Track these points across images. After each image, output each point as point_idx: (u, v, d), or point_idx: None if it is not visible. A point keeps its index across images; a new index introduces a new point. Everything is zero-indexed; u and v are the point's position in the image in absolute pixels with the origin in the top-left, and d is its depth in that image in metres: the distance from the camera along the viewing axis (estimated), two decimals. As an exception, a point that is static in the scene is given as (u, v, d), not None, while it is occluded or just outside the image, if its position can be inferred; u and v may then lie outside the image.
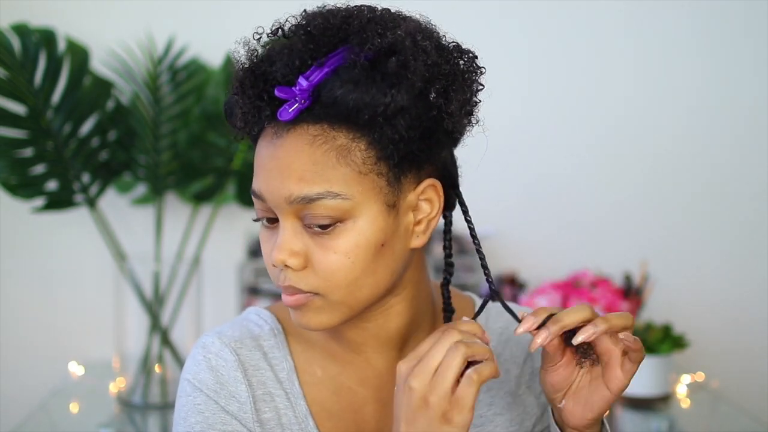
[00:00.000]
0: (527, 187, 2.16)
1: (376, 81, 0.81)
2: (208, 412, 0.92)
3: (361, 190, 0.84)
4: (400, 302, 0.92)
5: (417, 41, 0.83)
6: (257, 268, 1.99)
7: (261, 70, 0.85)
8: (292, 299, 0.87)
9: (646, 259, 2.00)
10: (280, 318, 0.98)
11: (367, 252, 0.85)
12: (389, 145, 0.83)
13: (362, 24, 0.83)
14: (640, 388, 1.82)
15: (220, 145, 1.87)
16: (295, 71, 0.83)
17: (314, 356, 0.96)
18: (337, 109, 0.82)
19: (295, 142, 0.84)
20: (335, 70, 0.82)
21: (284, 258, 0.85)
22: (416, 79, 0.81)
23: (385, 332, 0.94)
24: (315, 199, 0.83)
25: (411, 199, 0.87)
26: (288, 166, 0.84)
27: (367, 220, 0.84)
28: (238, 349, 0.94)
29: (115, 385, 1.88)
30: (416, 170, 0.87)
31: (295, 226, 0.85)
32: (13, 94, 1.68)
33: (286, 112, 0.83)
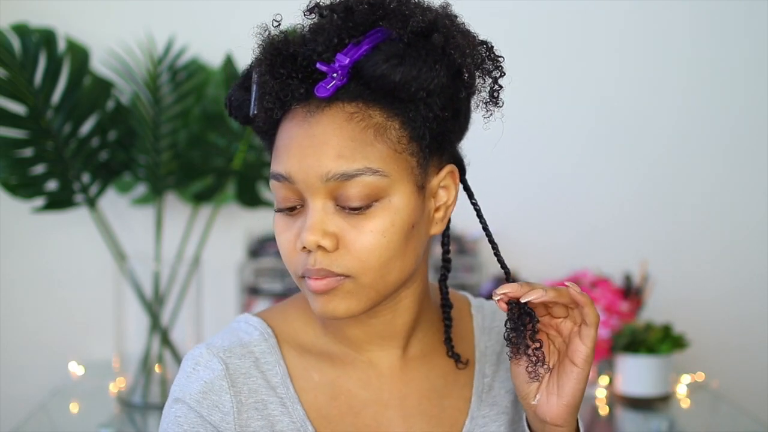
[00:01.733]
0: (527, 187, 2.16)
1: (421, 55, 0.82)
2: (187, 425, 0.90)
3: (397, 168, 0.84)
4: (410, 296, 0.92)
5: (454, 21, 0.85)
6: (257, 268, 1.99)
7: (290, 51, 0.85)
8: (323, 283, 0.85)
9: (646, 259, 2.00)
10: (270, 324, 0.96)
11: (401, 232, 0.84)
12: (423, 124, 0.84)
13: (401, 3, 0.84)
14: (640, 388, 1.82)
15: (220, 145, 1.87)
16: (332, 49, 0.84)
17: (309, 361, 0.95)
18: (381, 84, 0.82)
19: (332, 119, 0.83)
20: (375, 47, 0.83)
21: (317, 239, 0.83)
22: (457, 56, 0.83)
23: (391, 328, 0.93)
24: (354, 175, 0.82)
25: (434, 184, 0.88)
26: (325, 143, 0.83)
27: (402, 198, 0.84)
28: (228, 359, 0.92)
29: (115, 385, 1.88)
30: (439, 154, 0.88)
31: (326, 206, 0.84)
32: (13, 94, 1.68)
33: (323, 89, 0.83)
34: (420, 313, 0.95)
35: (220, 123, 1.84)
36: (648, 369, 1.82)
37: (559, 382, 0.88)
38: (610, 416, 1.81)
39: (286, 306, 0.99)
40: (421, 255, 0.89)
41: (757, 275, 2.19)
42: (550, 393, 0.88)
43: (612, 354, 1.86)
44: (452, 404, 0.97)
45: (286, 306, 0.99)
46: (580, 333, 0.87)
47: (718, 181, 2.19)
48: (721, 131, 2.19)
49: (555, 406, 0.87)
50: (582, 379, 0.87)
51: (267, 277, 1.98)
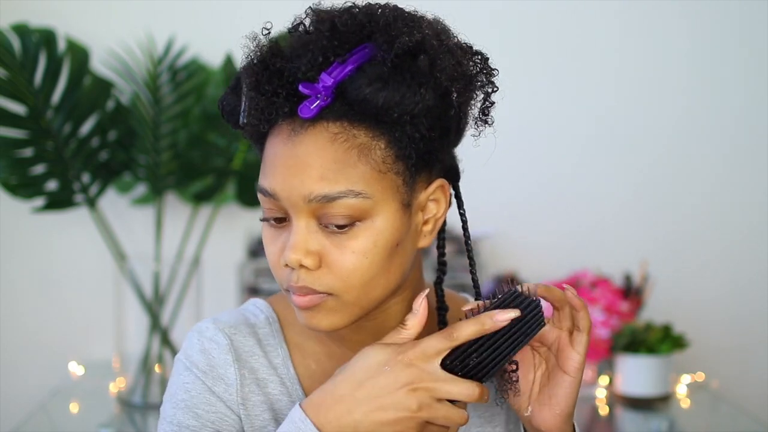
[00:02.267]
0: (527, 187, 2.16)
1: (405, 79, 0.80)
2: (195, 391, 0.92)
3: (380, 188, 0.83)
4: (400, 302, 0.92)
5: (442, 40, 0.83)
6: (257, 268, 1.99)
7: (276, 66, 0.84)
8: (305, 300, 0.85)
9: (646, 259, 2.00)
10: (276, 309, 0.98)
11: (384, 251, 0.84)
12: (409, 145, 0.83)
13: (388, 21, 0.82)
14: (640, 388, 1.82)
15: (220, 145, 1.87)
16: (317, 68, 0.83)
17: (309, 350, 0.96)
18: (363, 107, 0.81)
19: (315, 139, 0.83)
20: (359, 67, 0.81)
21: (299, 257, 0.83)
22: (443, 78, 0.81)
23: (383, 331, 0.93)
24: (336, 197, 0.82)
25: (422, 199, 0.87)
26: (308, 164, 0.82)
27: (385, 219, 0.84)
28: (233, 335, 0.94)
29: (115, 385, 1.88)
30: (428, 170, 0.87)
31: (310, 225, 0.84)
32: (13, 94, 1.68)
33: (307, 109, 0.82)
34: None
35: (220, 123, 1.83)
36: (648, 369, 1.82)
37: (550, 392, 0.87)
38: (610, 416, 1.81)
39: None
40: (407, 268, 0.89)
41: (757, 275, 2.19)
42: (542, 404, 0.87)
43: (612, 354, 1.86)
44: None
45: None
46: (572, 340, 0.86)
47: (718, 181, 2.19)
48: (721, 131, 2.19)
49: (548, 416, 0.87)
50: (574, 387, 0.86)
51: (267, 277, 1.98)
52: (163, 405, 0.94)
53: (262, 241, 2.14)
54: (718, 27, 2.17)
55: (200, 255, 1.90)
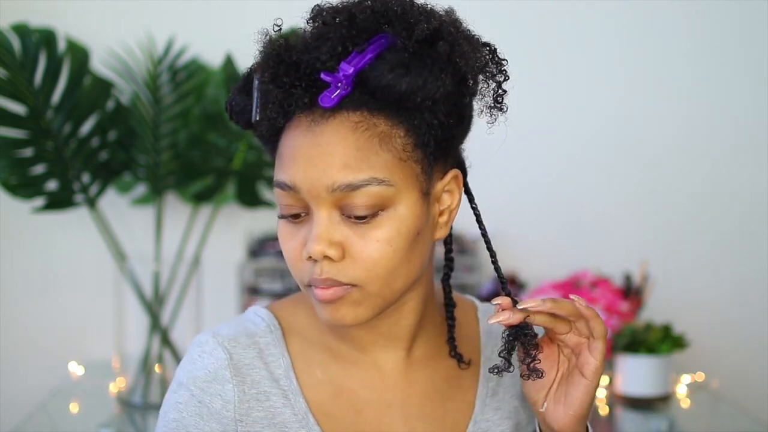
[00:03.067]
0: (527, 186, 2.16)
1: (427, 65, 0.81)
2: (186, 412, 0.91)
3: (402, 176, 0.84)
4: (414, 298, 0.92)
5: (458, 28, 0.84)
6: (257, 268, 1.99)
7: (293, 59, 0.84)
8: (329, 293, 0.85)
9: (646, 259, 2.00)
10: (278, 316, 0.97)
11: (406, 240, 0.84)
12: (428, 132, 0.84)
13: (405, 10, 0.83)
14: (640, 388, 1.82)
15: (220, 145, 1.87)
16: (336, 57, 0.83)
17: (314, 357, 0.95)
18: (385, 94, 0.82)
19: (337, 128, 0.83)
20: (379, 55, 0.82)
21: (323, 249, 0.83)
22: (462, 64, 0.82)
23: (396, 330, 0.93)
24: (360, 186, 0.82)
25: (438, 188, 0.88)
26: (331, 154, 0.82)
27: (407, 207, 0.84)
28: (232, 348, 0.93)
29: (115, 385, 1.88)
30: (444, 159, 0.88)
31: (332, 216, 0.84)
32: (13, 94, 1.68)
33: (328, 99, 0.82)
34: (425, 314, 0.95)
35: (220, 123, 1.84)
36: (648, 369, 1.82)
37: (566, 391, 0.87)
38: (610, 416, 1.81)
39: (297, 299, 0.99)
40: (426, 260, 0.89)
41: (757, 275, 2.19)
42: (557, 402, 0.88)
43: (612, 354, 1.86)
44: (455, 407, 0.96)
45: (297, 299, 0.99)
46: (589, 346, 0.87)
47: (718, 181, 2.19)
48: (721, 131, 2.19)
49: (562, 415, 0.87)
50: (590, 391, 0.87)
51: (267, 277, 1.98)
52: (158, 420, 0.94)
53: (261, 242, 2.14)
54: (718, 26, 2.17)
55: (200, 255, 1.90)
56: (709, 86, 2.18)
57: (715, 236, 2.20)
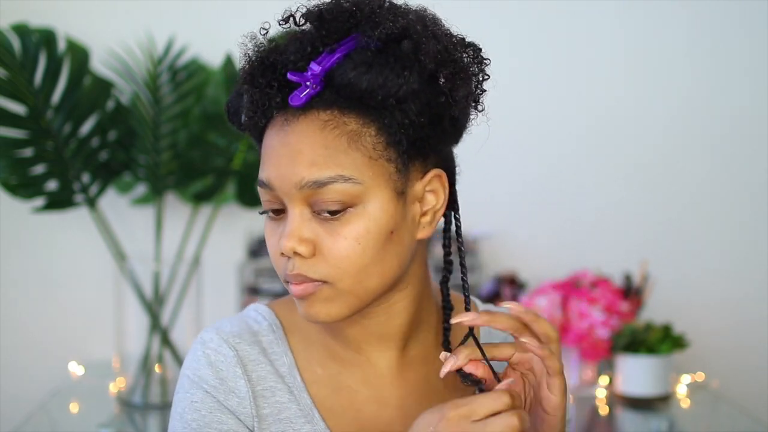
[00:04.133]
0: (527, 186, 2.16)
1: (389, 63, 0.82)
2: (205, 410, 0.91)
3: (372, 175, 0.84)
4: (404, 299, 0.92)
5: (427, 26, 0.84)
6: (257, 268, 1.99)
7: (270, 60, 0.86)
8: (300, 288, 0.86)
9: (646, 259, 2.00)
10: (279, 315, 0.98)
11: (377, 238, 0.85)
12: (399, 130, 0.84)
13: (373, 9, 0.84)
14: (640, 388, 1.82)
15: (220, 145, 1.87)
16: (306, 58, 0.85)
17: (313, 354, 0.96)
18: (350, 92, 0.83)
19: (306, 127, 0.84)
20: (347, 54, 0.83)
21: (293, 245, 0.84)
22: (428, 61, 0.83)
23: (386, 330, 0.93)
24: (326, 183, 0.83)
25: (418, 189, 0.88)
26: (299, 152, 0.84)
27: (377, 205, 0.85)
28: (237, 345, 0.94)
29: (115, 385, 1.88)
30: (422, 159, 0.87)
31: (303, 213, 0.85)
32: (13, 94, 1.68)
33: (297, 98, 0.84)
34: (417, 315, 0.95)
35: (220, 123, 1.84)
36: (648, 369, 1.82)
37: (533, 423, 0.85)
38: (610, 416, 1.81)
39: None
40: (405, 260, 0.89)
41: (757, 275, 2.19)
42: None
43: (612, 354, 1.86)
44: None
45: None
46: (547, 382, 0.84)
47: (718, 180, 2.19)
48: (721, 131, 2.19)
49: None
50: (555, 425, 0.85)
51: (267, 277, 1.98)
52: (171, 423, 0.93)
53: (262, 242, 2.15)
54: (717, 25, 2.17)
55: (200, 255, 1.90)
56: (709, 86, 2.18)
57: (716, 236, 2.20)
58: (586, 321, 1.84)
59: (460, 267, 0.94)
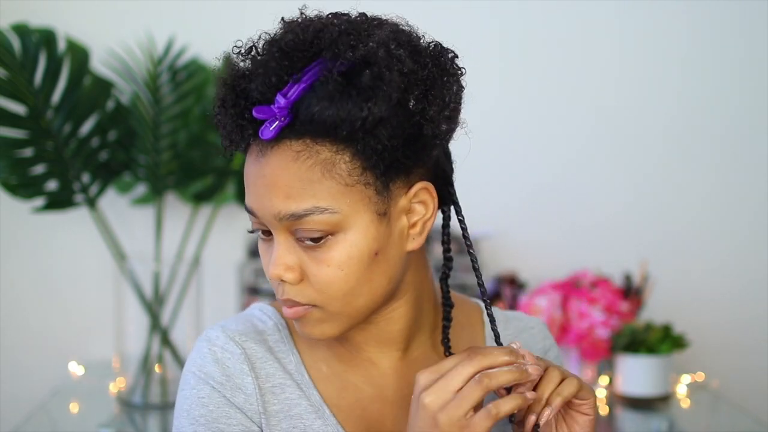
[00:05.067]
0: (527, 187, 2.16)
1: (351, 95, 0.80)
2: (212, 405, 0.91)
3: (349, 202, 0.83)
4: (403, 305, 0.92)
5: (390, 50, 0.81)
6: (257, 268, 1.99)
7: (241, 87, 0.85)
8: (292, 311, 0.88)
9: (646, 259, 2.00)
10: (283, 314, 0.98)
11: (360, 263, 0.85)
12: (373, 156, 0.82)
13: (333, 37, 0.82)
14: (640, 388, 1.82)
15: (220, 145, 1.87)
16: (273, 88, 0.83)
17: (318, 354, 0.96)
18: (315, 126, 0.82)
19: (279, 159, 0.83)
20: (311, 85, 0.81)
21: (280, 273, 0.86)
22: (392, 90, 0.80)
23: (387, 334, 0.94)
24: (302, 215, 0.83)
25: (403, 203, 0.87)
26: (274, 184, 0.84)
27: (358, 231, 0.84)
28: (244, 342, 0.94)
29: (115, 385, 1.88)
30: (405, 175, 0.86)
31: (288, 241, 0.86)
32: (13, 94, 1.68)
33: (267, 131, 0.83)
34: (418, 319, 0.95)
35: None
36: (648, 369, 1.82)
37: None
38: (610, 416, 1.81)
39: None
40: (396, 274, 0.88)
41: (757, 275, 2.19)
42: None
43: (612, 354, 1.86)
44: None
45: None
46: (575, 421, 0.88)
47: (718, 180, 2.19)
48: (721, 131, 2.19)
49: None
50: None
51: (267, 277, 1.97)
52: (177, 421, 0.93)
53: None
54: (718, 27, 2.17)
55: (200, 255, 1.90)
56: (710, 87, 2.18)
57: (716, 236, 2.20)
58: (586, 321, 1.84)
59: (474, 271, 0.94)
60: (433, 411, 0.81)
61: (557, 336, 1.85)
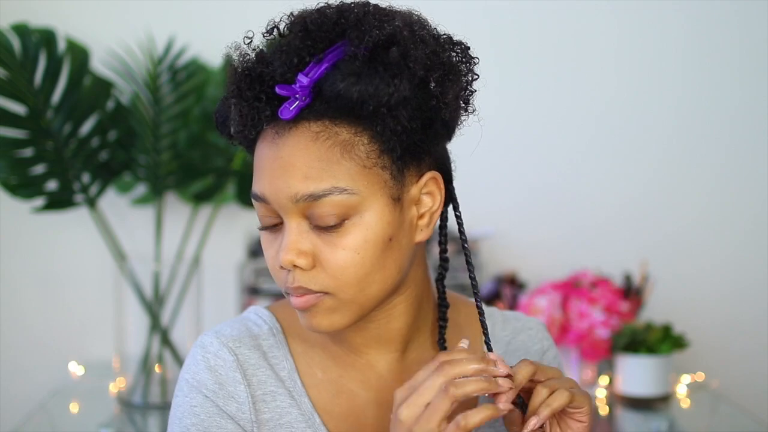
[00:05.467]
0: (527, 187, 2.16)
1: (378, 71, 0.81)
2: (204, 414, 0.91)
3: (367, 184, 0.83)
4: (403, 301, 0.92)
5: (414, 31, 0.83)
6: (257, 268, 1.99)
7: (257, 72, 0.85)
8: (302, 300, 0.86)
9: (646, 259, 2.00)
10: (279, 318, 0.97)
11: (375, 247, 0.84)
12: (392, 138, 0.83)
13: (359, 17, 0.83)
14: (640, 388, 1.82)
15: (220, 145, 1.87)
16: (293, 69, 0.83)
17: (314, 358, 0.95)
18: (340, 103, 0.82)
19: (297, 139, 0.83)
20: (335, 64, 0.82)
21: (292, 258, 0.84)
22: (417, 68, 0.82)
23: (386, 333, 0.93)
24: (321, 195, 0.82)
25: (414, 192, 0.87)
26: (292, 165, 0.83)
27: (374, 214, 0.84)
28: (237, 349, 0.93)
29: (115, 385, 1.88)
30: (417, 163, 0.87)
31: (301, 226, 0.85)
32: (13, 94, 1.68)
33: (287, 111, 0.83)
34: (418, 317, 0.95)
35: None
36: (648, 369, 1.82)
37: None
38: (610, 416, 1.81)
39: None
40: (405, 264, 0.88)
41: (757, 275, 2.19)
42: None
43: (612, 354, 1.86)
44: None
45: None
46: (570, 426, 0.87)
47: (718, 180, 2.19)
48: (721, 131, 2.19)
49: None
50: None
51: (267, 277, 1.98)
52: (170, 428, 0.93)
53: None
54: (718, 27, 2.17)
55: (200, 255, 1.90)
56: (709, 87, 2.18)
57: (715, 236, 2.20)
58: (586, 321, 1.84)
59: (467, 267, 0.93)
60: (408, 426, 0.80)
61: (557, 336, 1.84)
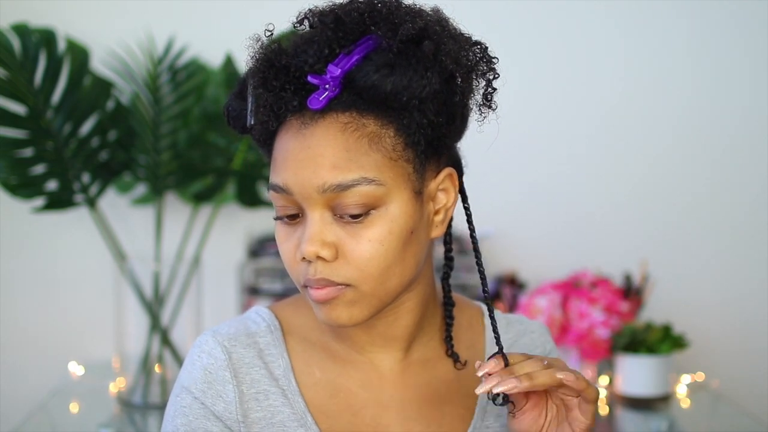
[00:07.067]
0: (527, 187, 2.16)
1: (411, 64, 0.82)
2: (192, 416, 0.92)
3: (392, 176, 0.84)
4: (412, 298, 0.93)
5: (444, 27, 0.85)
6: (257, 268, 1.99)
7: (282, 63, 0.85)
8: (323, 293, 0.86)
9: (646, 259, 2.00)
10: (279, 316, 0.98)
11: (399, 239, 0.85)
12: (417, 131, 0.84)
13: (390, 11, 0.84)
14: (640, 388, 1.82)
15: (220, 145, 1.87)
16: (323, 60, 0.84)
17: (313, 356, 0.95)
18: (372, 94, 0.83)
19: (325, 130, 0.84)
20: (366, 56, 0.83)
21: (316, 249, 0.84)
22: (448, 62, 0.83)
23: (393, 330, 0.93)
24: (349, 186, 0.83)
25: (432, 188, 0.88)
26: (321, 155, 0.83)
27: (399, 206, 0.85)
28: (231, 347, 0.93)
29: (115, 385, 1.88)
30: (437, 158, 0.88)
31: (324, 217, 0.85)
32: (13, 94, 1.68)
33: (316, 101, 0.83)
34: (424, 316, 0.95)
35: (220, 123, 1.83)
36: (648, 369, 1.82)
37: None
38: (610, 416, 1.81)
39: (297, 300, 1.00)
40: (422, 259, 0.89)
41: (757, 275, 2.19)
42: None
43: (612, 354, 1.86)
44: (453, 411, 0.96)
45: (298, 300, 0.99)
46: (580, 407, 0.86)
47: (718, 180, 2.19)
48: (721, 131, 2.19)
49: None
50: None
51: (267, 277, 1.98)
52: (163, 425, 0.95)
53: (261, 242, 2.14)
54: (718, 26, 2.17)
55: (200, 255, 1.90)
56: (709, 87, 2.18)
57: (716, 236, 2.20)
58: (586, 321, 1.84)
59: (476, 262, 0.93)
60: None
61: (557, 336, 1.85)
